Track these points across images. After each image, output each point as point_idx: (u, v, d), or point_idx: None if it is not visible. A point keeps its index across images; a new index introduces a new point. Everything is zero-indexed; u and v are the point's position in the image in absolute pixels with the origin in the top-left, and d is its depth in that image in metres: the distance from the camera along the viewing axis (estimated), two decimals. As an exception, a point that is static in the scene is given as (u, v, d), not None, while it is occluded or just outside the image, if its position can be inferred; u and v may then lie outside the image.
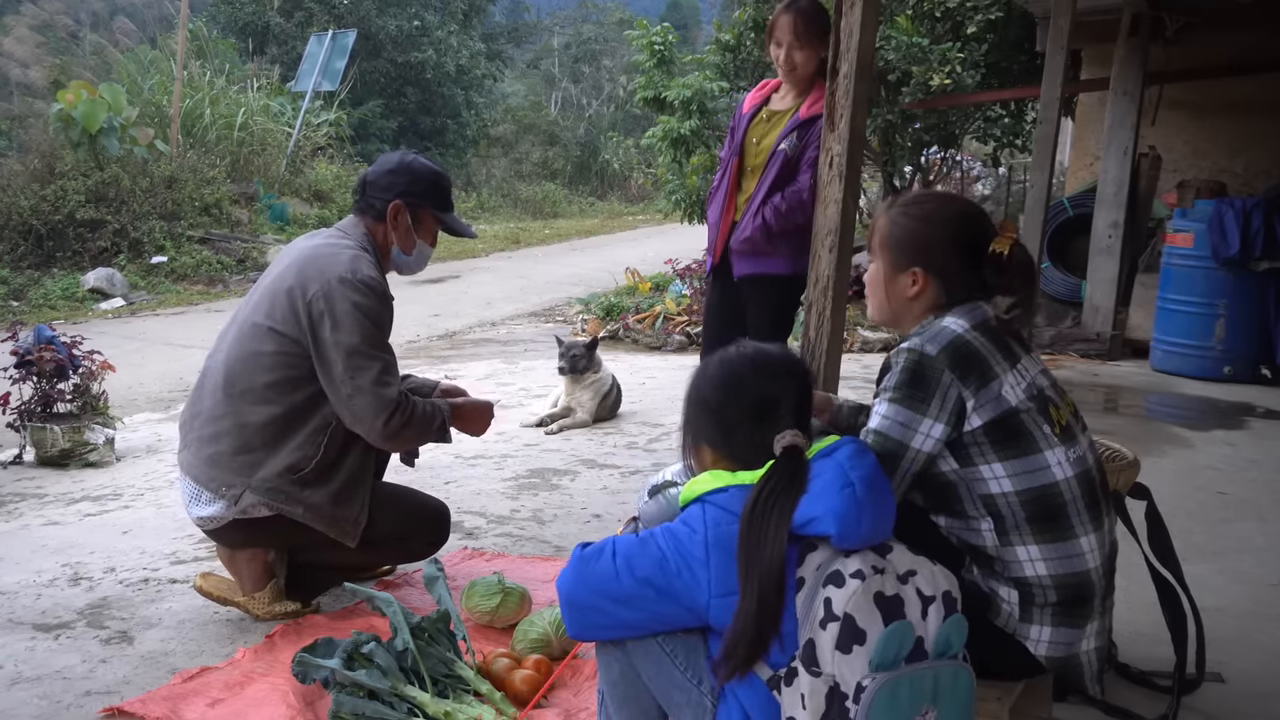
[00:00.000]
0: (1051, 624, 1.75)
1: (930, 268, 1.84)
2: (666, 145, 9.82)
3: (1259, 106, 7.48)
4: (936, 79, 7.96)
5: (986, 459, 1.75)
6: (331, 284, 2.52)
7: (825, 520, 1.49)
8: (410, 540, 2.82)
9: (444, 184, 2.82)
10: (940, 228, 1.86)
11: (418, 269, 2.87)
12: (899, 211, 1.90)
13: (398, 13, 20.72)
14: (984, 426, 1.73)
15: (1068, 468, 1.76)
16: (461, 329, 8.49)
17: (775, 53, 3.45)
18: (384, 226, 2.72)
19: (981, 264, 1.83)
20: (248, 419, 2.55)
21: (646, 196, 22.53)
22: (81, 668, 2.43)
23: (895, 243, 1.88)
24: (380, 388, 2.52)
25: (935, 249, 1.85)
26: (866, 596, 1.45)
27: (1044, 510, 1.74)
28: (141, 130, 11.12)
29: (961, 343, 1.76)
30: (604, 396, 4.97)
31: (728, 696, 1.55)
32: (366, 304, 2.53)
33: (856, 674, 1.43)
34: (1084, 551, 1.75)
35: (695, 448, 1.70)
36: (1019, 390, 1.76)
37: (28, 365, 4.19)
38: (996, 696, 1.75)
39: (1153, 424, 5.24)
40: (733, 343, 1.75)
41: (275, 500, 2.53)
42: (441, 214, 2.80)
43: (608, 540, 1.64)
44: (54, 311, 8.74)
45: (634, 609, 1.57)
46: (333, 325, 2.50)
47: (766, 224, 3.41)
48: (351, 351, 2.50)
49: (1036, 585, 1.75)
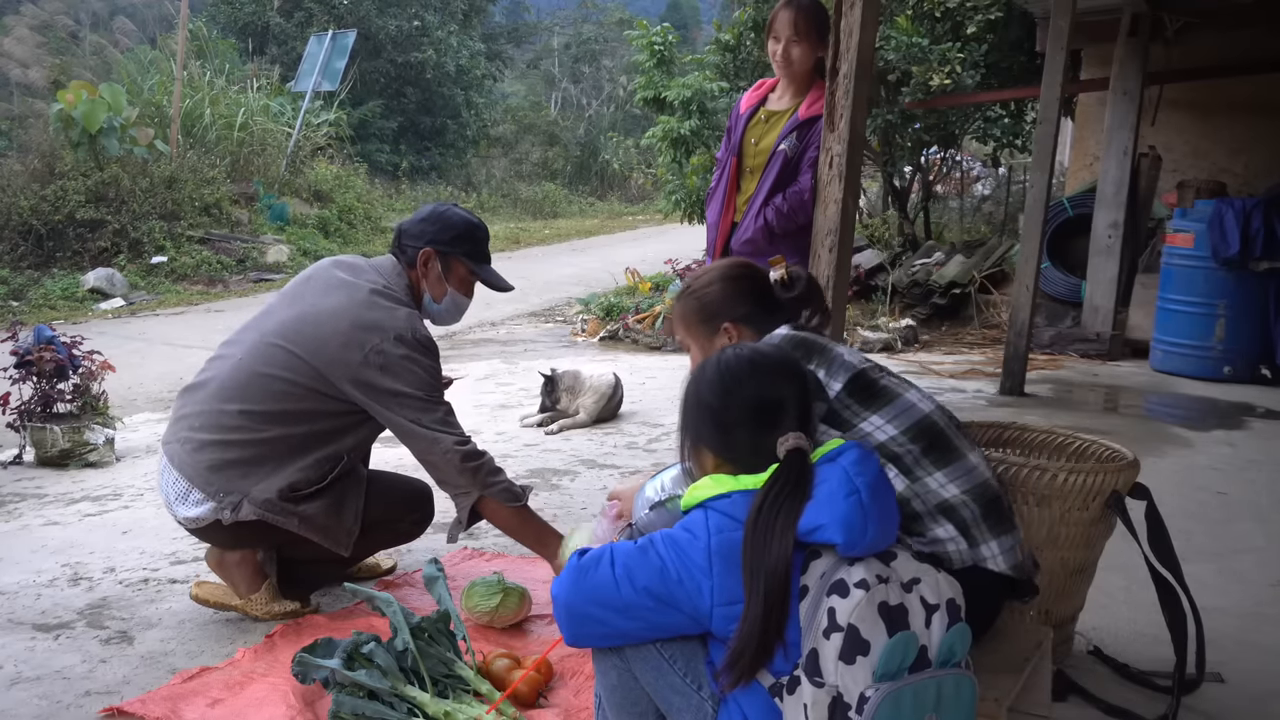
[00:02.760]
0: (992, 534, 1.87)
1: (735, 318, 2.05)
2: (666, 145, 9.83)
3: (1259, 106, 7.49)
4: (936, 79, 7.97)
5: (861, 416, 1.89)
6: (390, 342, 2.56)
7: (831, 528, 1.48)
8: (396, 522, 2.83)
9: (478, 234, 2.80)
10: (724, 284, 2.09)
11: (451, 320, 2.87)
12: (687, 295, 2.13)
13: (398, 13, 20.72)
14: (845, 388, 1.89)
15: (928, 403, 1.94)
16: (461, 329, 8.49)
17: (773, 48, 3.45)
18: (416, 274, 2.74)
19: (770, 294, 2.08)
20: (255, 436, 2.55)
21: (646, 196, 22.54)
22: (81, 668, 2.43)
23: (697, 314, 2.09)
24: (451, 427, 2.61)
25: (730, 300, 2.07)
26: (871, 607, 1.44)
27: (931, 440, 1.88)
28: (141, 130, 11.11)
29: (790, 335, 1.98)
30: (607, 399, 4.99)
31: (729, 702, 1.54)
32: (425, 361, 2.61)
33: (860, 684, 1.42)
34: (976, 464, 1.90)
35: (695, 451, 1.69)
36: (854, 356, 1.96)
37: (28, 365, 4.19)
38: (995, 697, 1.75)
39: (1153, 424, 5.24)
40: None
41: (270, 513, 2.54)
42: (474, 264, 2.78)
43: (605, 548, 1.61)
44: (54, 311, 8.74)
45: (633, 618, 1.56)
46: (390, 375, 2.54)
47: (768, 225, 3.40)
48: (414, 401, 2.57)
49: (959, 504, 1.86)
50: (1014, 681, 1.82)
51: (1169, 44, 7.10)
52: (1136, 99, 6.98)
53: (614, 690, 1.66)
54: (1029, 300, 5.67)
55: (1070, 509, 2.27)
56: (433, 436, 2.57)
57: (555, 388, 4.98)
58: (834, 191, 3.03)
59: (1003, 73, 8.73)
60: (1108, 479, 2.27)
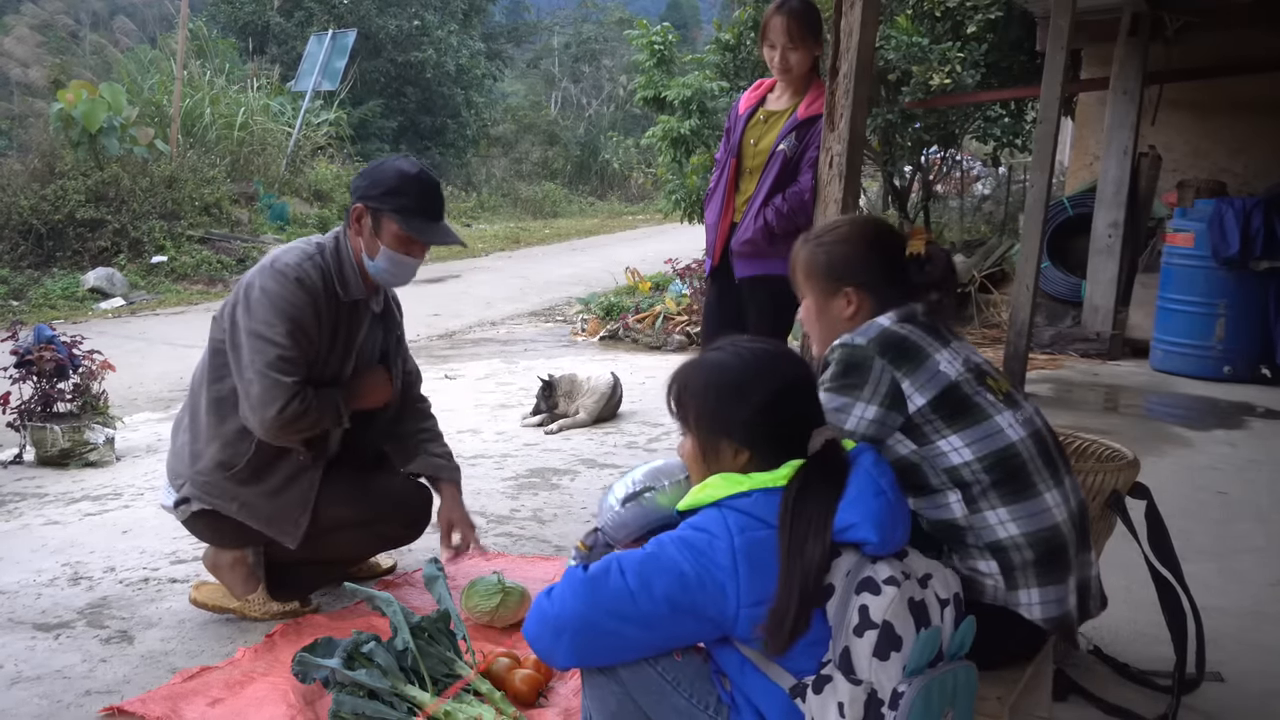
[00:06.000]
0: (1037, 584, 1.78)
1: (859, 284, 1.92)
2: (666, 145, 9.82)
3: (1259, 106, 7.48)
4: (936, 79, 7.96)
5: (941, 434, 1.79)
6: (253, 274, 2.53)
7: (864, 527, 1.47)
8: (378, 524, 2.75)
9: (410, 187, 2.55)
10: (858, 245, 1.95)
11: (397, 279, 2.66)
12: (815, 242, 1.99)
13: (398, 12, 20.70)
14: (930, 403, 1.79)
15: (1019, 429, 1.82)
16: (461, 328, 8.49)
17: (769, 54, 3.44)
18: (353, 232, 2.61)
19: (903, 268, 1.94)
20: (196, 410, 2.60)
21: (646, 196, 22.53)
22: (81, 667, 2.43)
23: (822, 270, 1.96)
24: (277, 373, 2.44)
25: (859, 264, 1.93)
26: (902, 603, 1.45)
27: (1006, 472, 1.78)
28: (141, 130, 11.11)
29: (889, 332, 1.85)
30: (606, 399, 4.99)
31: (743, 708, 1.53)
32: (276, 290, 2.47)
33: (893, 680, 1.43)
34: (1050, 506, 1.79)
35: (711, 445, 1.58)
36: (956, 364, 1.83)
37: (28, 365, 4.19)
38: (996, 696, 1.75)
39: (1153, 424, 5.24)
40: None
41: (210, 495, 2.55)
42: (403, 220, 2.54)
43: (610, 558, 1.54)
44: (54, 311, 8.73)
45: (652, 629, 1.50)
46: (245, 309, 2.49)
47: (768, 225, 3.40)
48: (254, 334, 2.45)
49: (1012, 547, 1.78)
50: (1016, 681, 1.82)
51: (1169, 44, 7.10)
52: (1136, 99, 6.98)
53: (614, 717, 1.60)
54: (1029, 300, 5.64)
55: (1070, 509, 2.27)
56: (252, 395, 2.44)
57: (553, 392, 4.98)
58: (834, 191, 3.02)
59: (1003, 72, 8.73)
60: (1108, 478, 2.27)
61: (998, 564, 1.78)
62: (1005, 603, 1.79)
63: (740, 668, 1.54)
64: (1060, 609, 1.80)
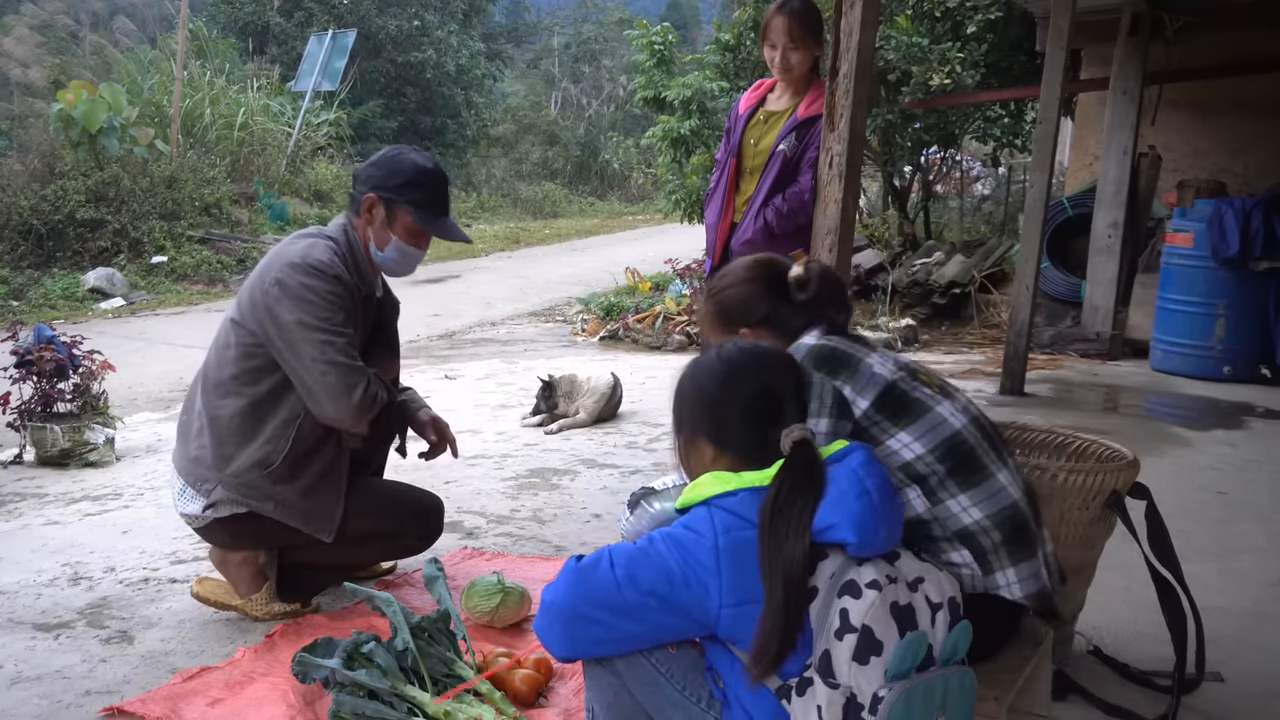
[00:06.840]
0: (1011, 564, 1.80)
1: (754, 322, 1.96)
2: (666, 145, 9.84)
3: (1259, 106, 7.49)
4: (936, 79, 7.97)
5: (889, 433, 1.81)
6: (284, 270, 2.51)
7: (844, 528, 1.47)
8: (400, 536, 2.79)
9: (426, 180, 2.62)
10: (743, 286, 2.00)
11: (402, 270, 2.72)
12: (708, 297, 2.06)
13: (398, 13, 20.71)
14: (873, 405, 1.81)
15: (960, 417, 1.85)
16: (461, 328, 8.49)
17: (770, 55, 3.44)
18: (362, 220, 2.65)
19: (790, 293, 1.96)
20: (218, 413, 2.56)
21: (646, 196, 22.54)
22: (81, 667, 2.43)
23: (719, 319, 2.01)
24: (348, 359, 2.49)
25: (748, 304, 1.98)
26: (884, 607, 1.44)
27: (958, 459, 1.80)
28: (141, 130, 11.12)
29: (817, 347, 1.88)
30: (606, 399, 5.00)
31: (733, 707, 1.53)
32: (320, 285, 2.49)
33: (873, 685, 1.42)
34: (1004, 485, 1.82)
35: (692, 444, 1.64)
36: (888, 365, 1.86)
37: (28, 365, 4.19)
38: (994, 696, 1.75)
39: (1152, 424, 5.24)
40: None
41: (246, 496, 2.53)
42: (419, 214, 2.61)
43: (604, 550, 1.58)
44: (54, 311, 8.74)
45: (637, 620, 1.52)
46: (292, 307, 2.48)
47: (769, 225, 3.40)
48: (313, 328, 2.47)
49: (979, 531, 1.79)
50: (1014, 681, 1.82)
51: (1169, 44, 7.10)
52: (1136, 99, 6.98)
53: (611, 707, 1.62)
54: (1029, 300, 5.67)
55: (1070, 509, 2.27)
56: (330, 384, 2.47)
57: (553, 392, 4.98)
58: (834, 191, 3.03)
59: (1003, 72, 8.74)
60: (1108, 479, 2.27)
61: (970, 551, 1.79)
62: (985, 589, 1.80)
63: (731, 666, 1.54)
64: (1037, 584, 1.83)
